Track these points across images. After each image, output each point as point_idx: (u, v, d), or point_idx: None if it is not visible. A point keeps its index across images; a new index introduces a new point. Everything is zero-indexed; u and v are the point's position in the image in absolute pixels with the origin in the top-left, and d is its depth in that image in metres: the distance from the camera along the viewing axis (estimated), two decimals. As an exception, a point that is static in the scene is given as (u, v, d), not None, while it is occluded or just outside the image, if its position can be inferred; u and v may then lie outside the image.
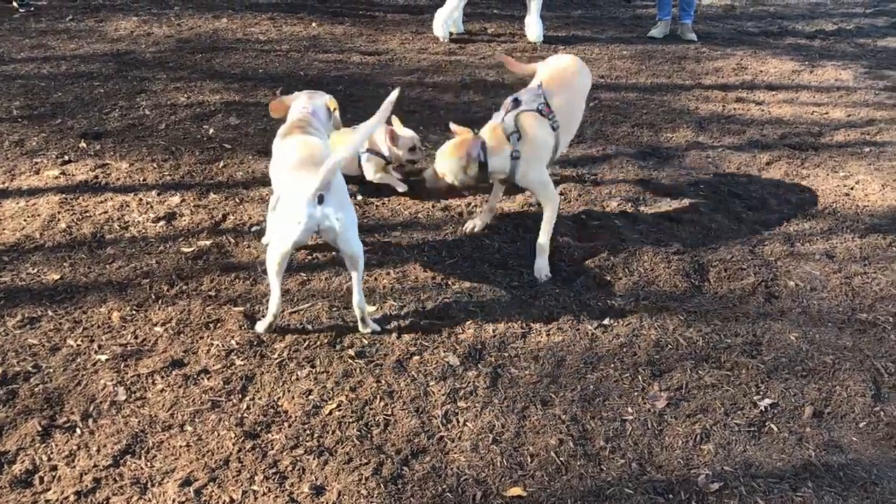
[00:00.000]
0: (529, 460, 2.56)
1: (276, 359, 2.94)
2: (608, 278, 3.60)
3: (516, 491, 2.44)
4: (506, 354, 3.06)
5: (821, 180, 4.70)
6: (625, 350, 3.11)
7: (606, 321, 3.29)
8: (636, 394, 2.88)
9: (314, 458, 2.50)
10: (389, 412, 2.72)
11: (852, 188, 4.61)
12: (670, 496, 2.44)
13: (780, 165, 4.89)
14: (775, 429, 2.73)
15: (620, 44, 7.61)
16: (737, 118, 5.71)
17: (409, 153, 4.18)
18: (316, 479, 2.43)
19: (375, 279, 3.47)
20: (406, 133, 4.21)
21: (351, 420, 2.67)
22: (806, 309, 3.43)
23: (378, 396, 2.78)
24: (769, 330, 3.26)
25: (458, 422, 2.70)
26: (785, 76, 6.81)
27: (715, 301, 3.48)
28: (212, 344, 3.00)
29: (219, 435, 2.58)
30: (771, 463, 2.58)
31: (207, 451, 2.51)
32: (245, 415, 2.67)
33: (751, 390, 2.92)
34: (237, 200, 4.08)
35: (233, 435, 2.57)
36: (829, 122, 5.70)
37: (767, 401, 2.87)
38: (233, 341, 3.01)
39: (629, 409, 2.80)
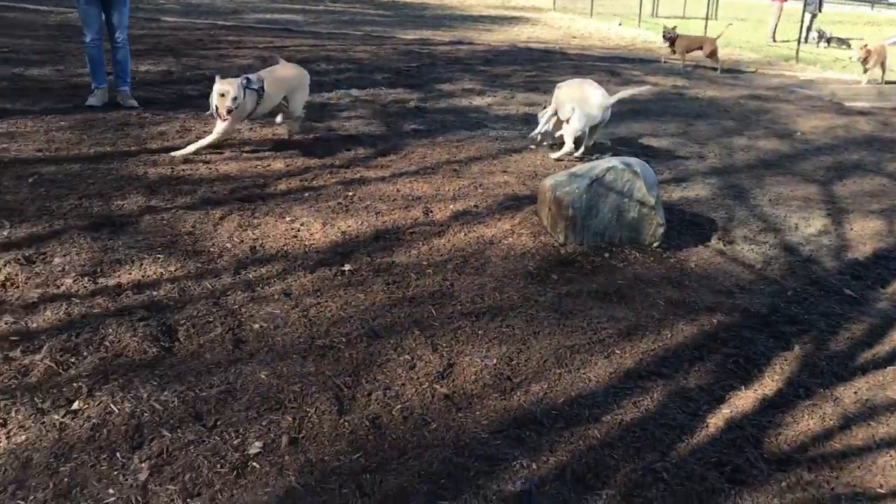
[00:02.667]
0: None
1: None
2: (72, 361, 3.38)
3: None
4: (-45, 473, 2.67)
5: (271, 227, 5.09)
6: (99, 431, 2.95)
7: (76, 406, 3.08)
8: (116, 472, 2.76)
9: None
10: None
11: (298, 230, 5.08)
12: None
13: (233, 218, 5.15)
14: (258, 466, 2.87)
15: (56, 115, 7.24)
16: (187, 179, 5.85)
17: None
18: None
19: None
20: None
21: None
22: (272, 346, 3.68)
23: None
24: (241, 374, 3.41)
25: None
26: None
27: (187, 359, 3.51)
28: None
29: None
30: (257, 499, 2.70)
31: None
32: None
33: (231, 437, 3.01)
34: None
35: None
36: (272, 174, 6.20)
37: (253, 443, 3.00)
38: None
39: (110, 490, 2.67)
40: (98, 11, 7.55)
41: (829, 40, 17.33)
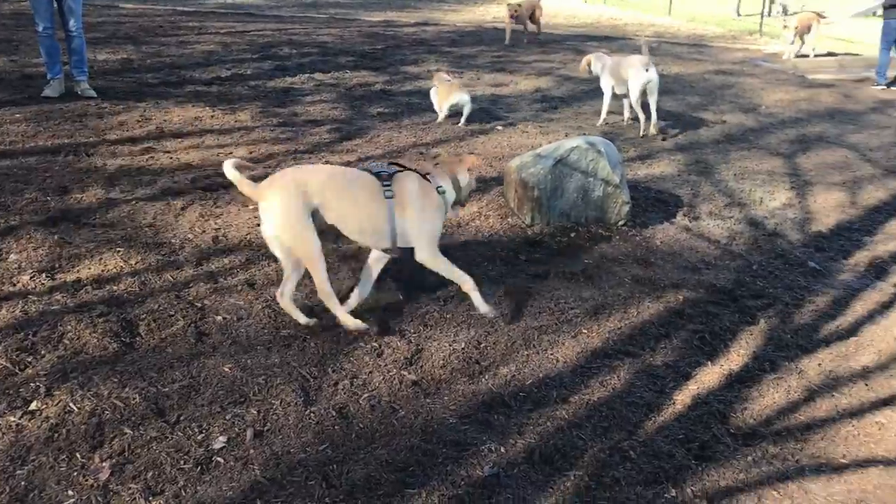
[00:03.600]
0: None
1: None
2: (29, 360, 3.30)
3: None
4: None
5: (234, 216, 5.01)
6: (57, 431, 2.89)
7: (33, 406, 3.02)
8: (76, 473, 2.70)
9: None
10: None
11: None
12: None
13: (195, 208, 5.07)
14: (222, 461, 2.83)
15: (11, 106, 7.07)
16: (147, 169, 5.75)
17: None
18: None
19: None
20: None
21: None
22: (235, 339, 3.62)
23: None
24: (204, 368, 3.36)
25: None
26: (189, 123, 7.10)
27: (149, 354, 3.45)
28: None
29: None
30: (222, 494, 2.66)
31: None
32: None
33: (194, 432, 2.96)
34: None
35: None
36: (235, 161, 6.10)
37: (216, 437, 2.95)
38: None
39: (70, 492, 2.61)
40: (49, 0, 7.36)
41: (788, 13, 17.44)
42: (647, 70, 7.35)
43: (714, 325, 4.02)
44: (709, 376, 3.57)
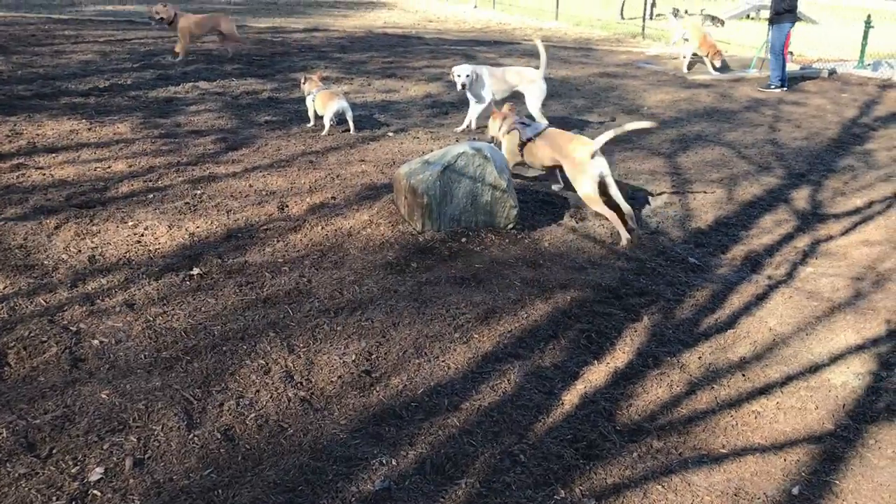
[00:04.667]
0: None
1: None
2: None
3: None
4: None
5: (112, 233, 4.80)
6: (-86, 475, 2.69)
7: None
8: (-66, 520, 2.52)
9: None
10: None
11: (143, 235, 4.82)
12: None
13: (70, 227, 4.83)
14: (99, 494, 2.69)
15: None
16: (17, 187, 5.45)
17: None
18: None
19: None
20: None
21: None
22: (113, 363, 3.46)
23: None
24: (80, 396, 3.20)
25: None
26: (64, 136, 6.78)
27: (18, 384, 3.26)
28: None
29: None
30: (98, 530, 2.54)
31: None
32: None
33: (69, 465, 2.81)
34: None
35: None
36: (113, 176, 5.86)
37: (93, 469, 2.81)
38: None
39: (-72, 541, 2.44)
40: None
41: (678, 16, 18.23)
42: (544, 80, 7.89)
43: (600, 323, 4.12)
44: (595, 375, 3.64)
